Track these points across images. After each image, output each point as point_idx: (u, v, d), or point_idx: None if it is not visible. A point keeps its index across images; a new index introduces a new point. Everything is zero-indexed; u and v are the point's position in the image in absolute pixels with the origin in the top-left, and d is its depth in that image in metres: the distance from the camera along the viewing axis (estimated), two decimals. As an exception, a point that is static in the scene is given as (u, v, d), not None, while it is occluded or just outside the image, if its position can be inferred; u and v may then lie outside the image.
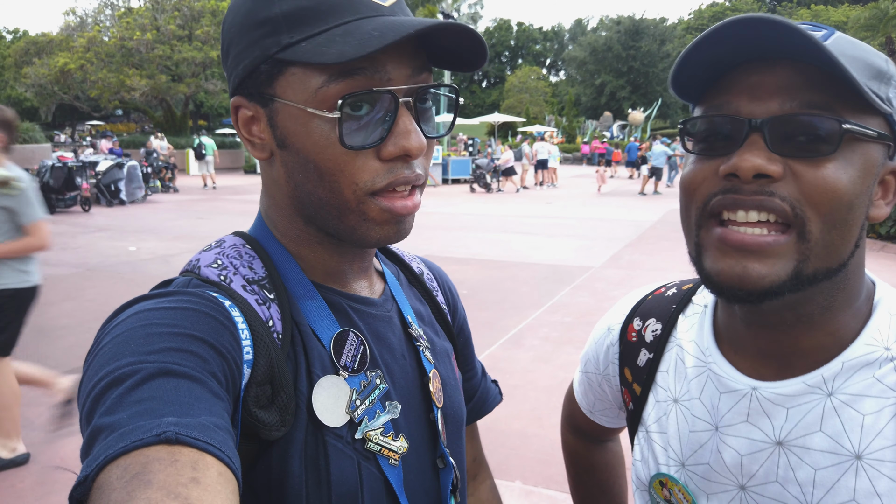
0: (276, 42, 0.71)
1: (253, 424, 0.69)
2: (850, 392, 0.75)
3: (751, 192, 0.70)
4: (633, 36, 65.88)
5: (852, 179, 0.70)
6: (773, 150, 0.69)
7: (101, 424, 0.55)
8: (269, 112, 0.75)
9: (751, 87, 0.72)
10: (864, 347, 0.76)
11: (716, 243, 0.73)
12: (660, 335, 0.96)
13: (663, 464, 0.91)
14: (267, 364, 0.70)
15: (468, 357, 1.09)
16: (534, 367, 5.48)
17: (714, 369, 0.85)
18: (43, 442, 4.08)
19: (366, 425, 0.77)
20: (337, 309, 0.82)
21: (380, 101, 0.71)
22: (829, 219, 0.69)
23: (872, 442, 0.73)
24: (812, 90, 0.69)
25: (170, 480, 0.50)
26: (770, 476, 0.78)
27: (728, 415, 0.82)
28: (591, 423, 1.18)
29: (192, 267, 0.78)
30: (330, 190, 0.73)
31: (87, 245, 11.09)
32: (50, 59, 32.68)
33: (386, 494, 0.78)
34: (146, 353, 0.60)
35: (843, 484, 0.73)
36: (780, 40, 0.68)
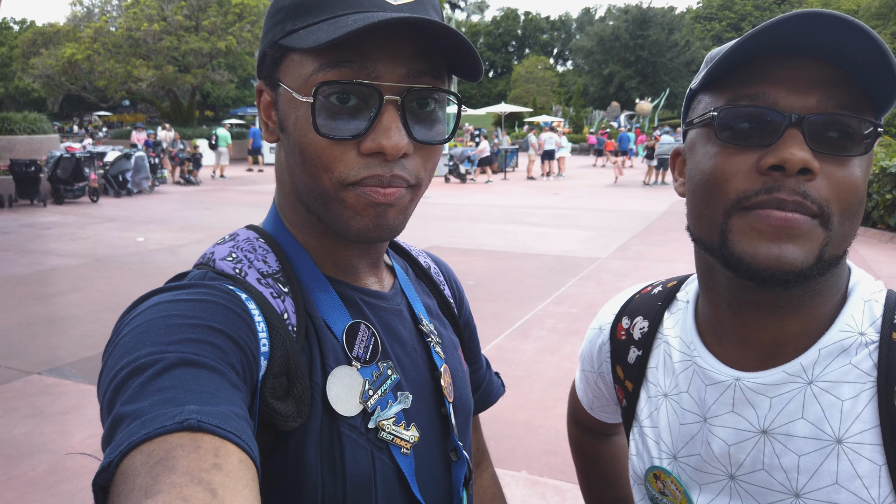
0: (283, 29, 0.75)
1: (270, 415, 0.70)
2: (828, 379, 0.77)
3: (790, 190, 0.70)
4: (641, 25, 65.40)
5: (865, 175, 0.73)
6: (811, 146, 0.70)
7: (123, 412, 0.56)
8: (276, 96, 0.78)
9: (785, 80, 0.72)
10: (839, 334, 0.78)
11: (753, 224, 0.72)
12: (647, 332, 0.99)
13: (656, 457, 0.93)
14: (283, 356, 0.72)
15: (474, 350, 1.11)
16: (540, 358, 5.49)
17: (699, 362, 0.87)
18: (54, 431, 4.13)
19: (378, 415, 0.78)
20: (349, 301, 0.83)
21: (366, 96, 0.72)
22: (847, 212, 0.72)
23: (852, 426, 0.75)
24: (843, 89, 0.70)
25: (193, 466, 0.51)
26: (757, 464, 0.80)
27: (714, 406, 0.84)
28: (592, 418, 1.20)
29: (207, 260, 0.80)
30: (311, 176, 0.75)
31: (96, 236, 11.15)
32: (57, 50, 32.75)
33: (398, 484, 0.79)
34: (166, 344, 0.61)
35: (825, 468, 0.76)
36: (827, 37, 0.68)
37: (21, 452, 3.84)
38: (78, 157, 15.50)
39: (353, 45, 0.69)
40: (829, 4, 53.05)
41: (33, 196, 14.82)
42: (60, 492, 3.45)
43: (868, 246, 10.17)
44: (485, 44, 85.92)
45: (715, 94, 0.78)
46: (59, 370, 5.13)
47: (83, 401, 4.58)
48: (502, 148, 25.88)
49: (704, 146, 0.78)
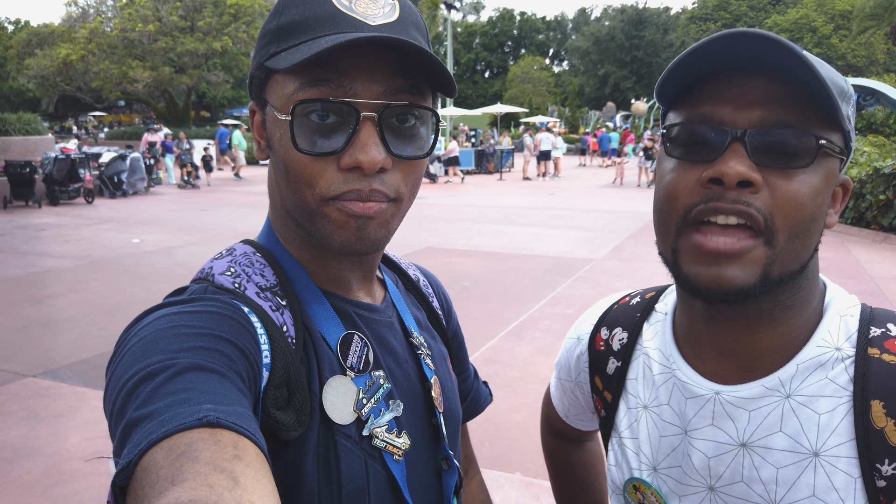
0: (267, 52, 0.77)
1: (272, 425, 0.72)
2: (806, 393, 0.79)
3: (731, 200, 0.73)
4: (637, 25, 65.53)
5: (817, 191, 0.74)
6: (753, 160, 0.72)
7: (137, 416, 0.57)
8: (264, 115, 0.81)
9: (733, 97, 0.75)
10: (815, 349, 0.80)
11: (694, 249, 0.76)
12: (626, 343, 1.00)
13: (636, 468, 0.94)
14: (283, 367, 0.73)
15: (462, 360, 1.13)
16: (535, 360, 5.50)
17: (678, 375, 0.88)
18: (49, 434, 4.12)
19: (372, 422, 0.80)
20: (342, 314, 0.85)
21: (344, 113, 0.74)
22: (795, 230, 0.73)
23: (828, 439, 0.77)
24: (788, 105, 0.73)
25: (215, 457, 0.53)
26: (736, 476, 0.82)
27: (695, 419, 0.86)
28: (567, 426, 1.21)
29: (206, 275, 0.81)
30: (295, 191, 0.77)
31: (91, 237, 11.13)
32: (52, 51, 32.67)
33: (391, 492, 0.81)
34: (176, 351, 0.63)
35: (803, 481, 0.77)
36: (771, 57, 0.70)
37: (16, 455, 3.83)
38: (73, 158, 15.47)
39: (331, 65, 0.71)
40: (823, 5, 53.22)
41: (28, 197, 14.78)
42: (55, 495, 3.45)
43: (862, 246, 10.21)
44: (481, 44, 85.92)
45: (676, 111, 0.81)
46: (55, 373, 5.13)
47: (78, 403, 4.58)
48: (498, 148, 25.91)
49: (664, 164, 0.81)
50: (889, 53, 48.47)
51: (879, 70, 48.32)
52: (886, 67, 49.02)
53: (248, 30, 32.58)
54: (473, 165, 25.12)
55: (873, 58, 49.54)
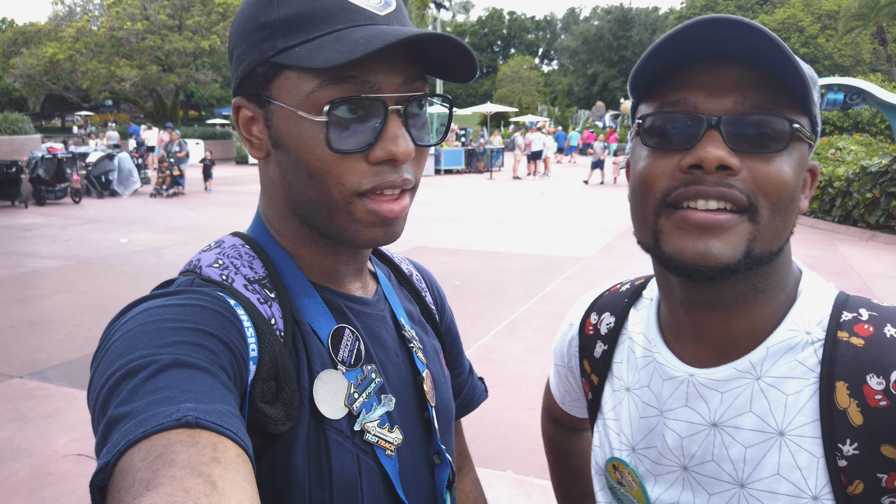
0: (272, 46, 0.74)
1: (259, 419, 0.71)
2: (775, 374, 0.81)
3: (712, 182, 0.74)
4: (624, 25, 65.80)
5: (794, 173, 0.76)
6: (730, 146, 0.74)
7: (118, 414, 0.56)
8: (266, 113, 0.77)
9: (705, 85, 0.76)
10: (786, 332, 0.81)
11: (678, 224, 0.77)
12: (613, 328, 1.02)
13: (616, 448, 0.96)
14: (271, 361, 0.72)
15: (456, 355, 1.12)
16: (526, 358, 5.51)
17: (658, 358, 0.91)
18: (36, 435, 4.08)
19: (363, 417, 0.79)
20: (333, 307, 0.84)
21: (370, 107, 0.73)
22: (777, 207, 0.75)
23: (794, 419, 0.79)
24: (761, 91, 0.74)
25: (193, 460, 0.52)
26: (707, 455, 0.84)
27: (669, 400, 0.88)
28: (564, 413, 1.24)
29: (194, 267, 0.80)
30: (319, 190, 0.75)
31: (79, 237, 11.04)
32: (38, 50, 32.36)
33: (383, 487, 0.80)
34: (159, 347, 0.62)
35: (768, 459, 0.79)
36: (744, 43, 0.72)
37: (3, 457, 3.79)
38: (60, 157, 15.34)
39: (356, 61, 0.70)
40: (810, 5, 53.59)
41: (14, 197, 14.65)
42: (43, 496, 3.41)
43: (849, 244, 10.29)
44: (470, 43, 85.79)
45: (647, 103, 0.82)
46: (42, 374, 5.08)
47: (66, 404, 4.54)
48: (488, 147, 25.93)
49: (638, 152, 0.83)
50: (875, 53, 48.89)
51: (866, 69, 48.72)
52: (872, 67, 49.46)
53: (236, 29, 32.34)
54: (463, 165, 25.13)
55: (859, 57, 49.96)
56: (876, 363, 0.75)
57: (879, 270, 8.47)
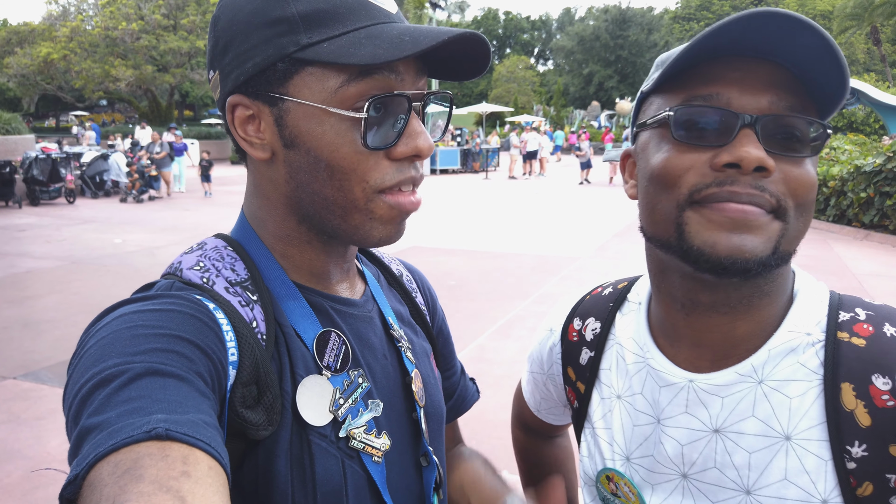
0: (294, 41, 0.71)
1: (240, 424, 0.69)
2: (778, 377, 0.79)
3: (746, 184, 0.71)
4: (621, 25, 65.87)
5: (816, 174, 0.76)
6: (765, 146, 0.72)
7: (89, 424, 0.55)
8: (278, 111, 0.74)
9: (738, 81, 0.73)
10: (787, 334, 0.80)
11: (709, 216, 0.73)
12: (599, 333, 0.99)
13: (609, 458, 0.93)
14: (252, 365, 0.71)
15: (447, 357, 1.11)
16: (522, 358, 5.46)
17: (652, 364, 0.88)
18: (30, 436, 4.06)
19: (349, 423, 0.78)
20: (319, 310, 0.82)
21: (396, 105, 0.74)
22: (802, 208, 0.74)
23: (799, 423, 0.77)
24: (792, 91, 0.73)
25: (161, 475, 0.50)
26: (709, 462, 0.82)
27: (668, 407, 0.85)
28: (538, 420, 1.20)
29: (174, 270, 0.79)
30: (339, 189, 0.74)
31: (73, 237, 11.00)
32: (32, 49, 32.24)
33: (370, 492, 0.79)
34: (132, 354, 0.61)
35: (775, 464, 0.78)
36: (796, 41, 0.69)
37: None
38: (54, 157, 15.28)
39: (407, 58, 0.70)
40: (804, 5, 53.73)
41: (8, 197, 14.59)
42: (36, 498, 3.40)
43: (844, 243, 10.32)
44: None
45: (667, 95, 0.79)
46: (35, 374, 5.06)
47: (59, 405, 4.49)
48: (484, 147, 25.92)
49: (658, 146, 0.79)
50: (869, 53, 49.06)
51: (860, 69, 48.85)
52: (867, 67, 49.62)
53: (231, 28, 32.27)
54: (459, 164, 25.12)
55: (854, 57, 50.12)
56: (880, 363, 0.74)
57: (874, 270, 8.49)
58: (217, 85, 0.79)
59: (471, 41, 0.72)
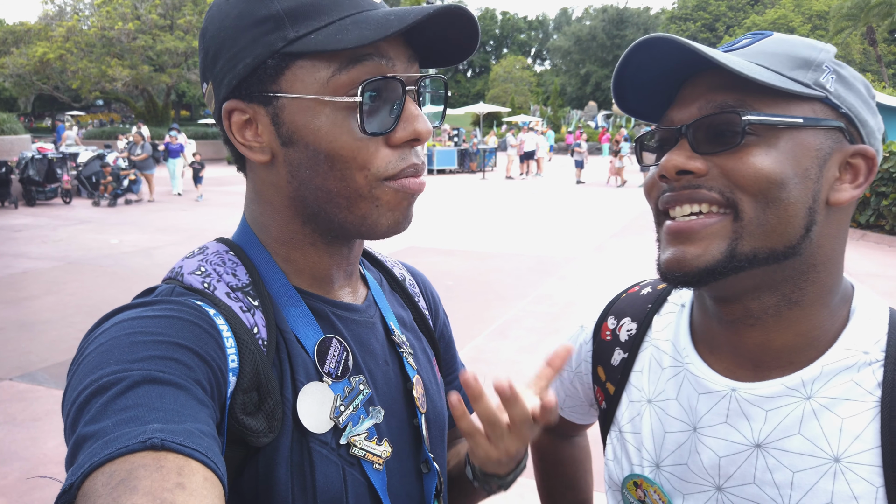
0: (282, 37, 0.71)
1: (240, 431, 0.69)
2: (829, 395, 0.76)
3: (681, 187, 0.76)
4: (618, 25, 65.96)
5: (779, 162, 0.72)
6: (695, 150, 0.75)
7: (85, 433, 0.55)
8: (273, 110, 0.74)
9: (681, 98, 0.79)
10: (843, 352, 0.77)
11: (664, 236, 0.79)
12: (635, 335, 0.97)
13: (637, 464, 0.91)
14: (253, 371, 0.70)
15: (450, 361, 1.10)
16: (519, 358, 5.50)
17: (691, 370, 0.86)
18: (26, 438, 4.05)
19: (350, 430, 0.77)
20: (320, 315, 0.82)
21: (390, 89, 0.73)
22: (761, 198, 0.72)
23: (851, 445, 0.74)
24: (727, 92, 0.74)
25: (155, 486, 0.50)
26: (747, 478, 0.79)
27: (707, 416, 0.83)
28: (560, 419, 1.18)
29: (175, 274, 0.78)
30: (341, 179, 0.74)
31: (69, 238, 10.97)
32: (28, 49, 32.11)
33: (370, 499, 0.78)
34: (130, 362, 0.60)
35: (821, 487, 0.74)
36: (683, 57, 0.74)
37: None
38: (50, 158, 15.24)
39: (390, 36, 0.70)
40: (801, 6, 53.85)
41: (4, 198, 14.54)
42: (33, 500, 3.39)
43: (840, 244, 10.33)
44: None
45: None
46: (32, 376, 5.04)
47: (56, 407, 4.50)
48: (481, 147, 25.91)
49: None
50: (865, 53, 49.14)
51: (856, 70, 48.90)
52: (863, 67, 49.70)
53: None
54: (456, 165, 25.11)
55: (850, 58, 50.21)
56: None
57: (870, 270, 8.51)
58: (211, 95, 0.78)
59: (457, 16, 0.72)
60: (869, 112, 0.78)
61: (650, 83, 0.80)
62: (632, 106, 0.85)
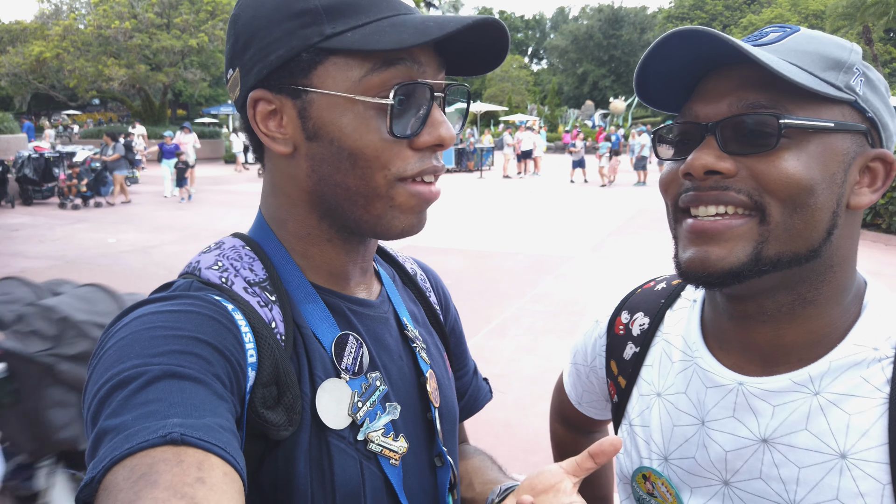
0: (319, 32, 0.72)
1: (261, 425, 0.70)
2: (836, 391, 0.76)
3: (707, 187, 0.74)
4: (614, 24, 65.95)
5: (809, 167, 0.72)
6: (724, 149, 0.73)
7: (106, 427, 0.56)
8: (301, 104, 0.75)
9: (707, 92, 0.76)
10: (852, 347, 0.77)
11: (685, 234, 0.78)
12: (647, 329, 0.98)
13: (646, 457, 0.92)
14: (272, 365, 0.71)
15: (460, 356, 1.10)
16: (518, 357, 5.51)
17: (700, 364, 0.86)
18: (24, 437, 4.03)
19: (367, 427, 0.78)
20: (336, 311, 0.82)
21: (419, 94, 0.74)
22: (790, 203, 0.72)
23: (858, 442, 0.74)
24: (759, 89, 0.73)
25: (176, 480, 0.51)
26: (754, 472, 0.79)
27: (714, 409, 0.83)
28: (579, 414, 1.19)
29: (193, 269, 0.79)
30: (361, 177, 0.74)
31: (66, 237, 10.95)
32: (24, 48, 32.02)
33: (386, 493, 0.79)
34: (151, 356, 0.61)
35: (827, 483, 0.74)
36: (715, 49, 0.71)
37: (-10, 460, 3.75)
38: (47, 157, 15.20)
39: (430, 42, 0.71)
40: (797, 5, 53.96)
41: (1, 197, 14.50)
42: (32, 499, 3.38)
43: (837, 242, 10.37)
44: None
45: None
46: (29, 375, 5.02)
47: (54, 406, 4.49)
48: (478, 147, 25.91)
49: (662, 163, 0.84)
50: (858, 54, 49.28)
51: (852, 69, 48.91)
52: (859, 66, 49.74)
53: (225, 27, 32.21)
54: (454, 164, 25.10)
55: (846, 57, 50.27)
56: None
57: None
58: (237, 83, 0.78)
59: (492, 27, 0.73)
60: (890, 116, 0.78)
61: (672, 73, 0.78)
62: (652, 96, 0.83)
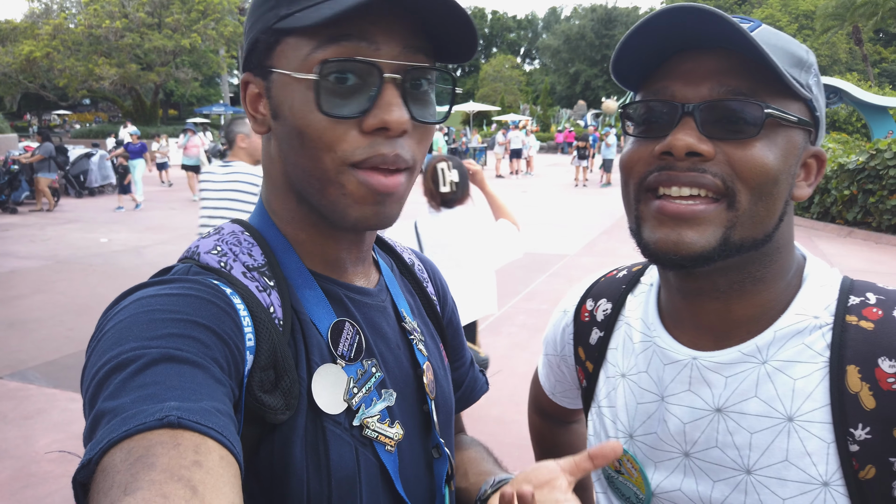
0: (276, 14, 0.74)
1: (259, 409, 0.70)
2: (782, 358, 0.80)
3: (684, 168, 0.75)
4: (607, 24, 66.11)
5: (777, 158, 0.75)
6: (703, 132, 0.74)
7: (104, 409, 0.56)
8: (268, 83, 0.76)
9: (685, 73, 0.77)
10: (794, 317, 0.81)
11: (654, 214, 0.78)
12: (610, 314, 1.01)
13: (613, 436, 0.95)
14: (270, 349, 0.71)
15: (457, 347, 1.11)
16: (512, 354, 5.52)
17: (658, 343, 0.90)
18: (17, 436, 4.03)
19: (363, 412, 0.78)
20: (334, 298, 0.83)
21: (366, 74, 0.71)
22: (757, 191, 0.75)
23: (803, 405, 0.77)
24: (739, 76, 0.74)
25: (173, 463, 0.51)
26: (710, 441, 0.83)
27: (672, 384, 0.87)
28: (553, 404, 1.22)
29: (192, 253, 0.79)
30: (311, 158, 0.73)
31: (57, 237, 10.90)
32: (14, 47, 31.78)
33: (382, 480, 0.79)
34: (149, 339, 0.61)
35: (776, 445, 0.78)
36: (708, 29, 0.72)
37: (-17, 459, 3.74)
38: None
39: (354, 22, 0.69)
40: (787, 5, 54.19)
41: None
42: (25, 498, 3.37)
43: (827, 241, 10.43)
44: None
45: (639, 92, 0.84)
46: (22, 374, 5.02)
47: (47, 405, 4.48)
48: (471, 146, 25.93)
49: (626, 141, 0.84)
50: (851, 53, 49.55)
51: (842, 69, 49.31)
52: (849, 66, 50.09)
53: (216, 27, 32.09)
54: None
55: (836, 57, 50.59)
56: (888, 346, 0.75)
57: (858, 266, 8.59)
58: None
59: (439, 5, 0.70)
60: (823, 117, 0.82)
61: (650, 50, 0.78)
62: (624, 71, 0.82)
